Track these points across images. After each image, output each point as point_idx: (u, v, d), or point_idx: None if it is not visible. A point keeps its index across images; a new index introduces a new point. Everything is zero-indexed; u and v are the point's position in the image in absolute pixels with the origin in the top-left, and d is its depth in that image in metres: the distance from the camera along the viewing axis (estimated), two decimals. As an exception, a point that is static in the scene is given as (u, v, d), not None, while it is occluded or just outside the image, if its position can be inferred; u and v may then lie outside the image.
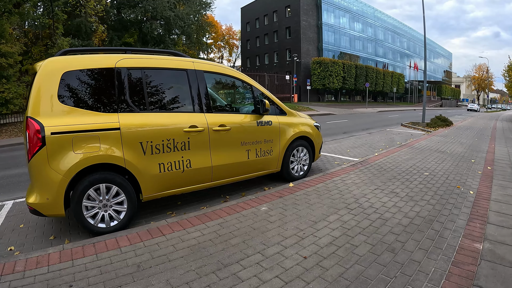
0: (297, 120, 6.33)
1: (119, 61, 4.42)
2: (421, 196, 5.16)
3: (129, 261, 3.33)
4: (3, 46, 16.82)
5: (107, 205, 4.23)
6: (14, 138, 15.45)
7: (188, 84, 4.95)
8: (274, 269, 3.07)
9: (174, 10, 36.60)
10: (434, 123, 18.19)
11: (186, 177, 4.81)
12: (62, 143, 3.89)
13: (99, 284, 2.93)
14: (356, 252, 3.30)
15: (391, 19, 74.84)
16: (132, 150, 4.30)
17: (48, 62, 4.05)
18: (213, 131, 4.97)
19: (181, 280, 2.95)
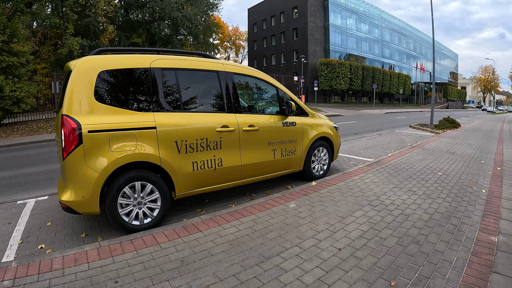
0: (318, 121, 6.53)
1: (154, 61, 4.50)
2: (437, 194, 5.42)
3: (171, 256, 3.43)
4: (15, 45, 16.91)
5: (141, 202, 4.29)
6: (26, 136, 15.50)
7: (219, 85, 5.07)
8: (313, 260, 3.27)
9: (181, 10, 36.89)
10: (442, 125, 18.33)
11: (217, 176, 4.93)
12: (99, 141, 3.94)
13: (145, 279, 3.03)
14: (385, 244, 3.56)
15: (398, 20, 74.90)
16: (167, 148, 4.38)
17: (84, 60, 4.10)
18: (243, 131, 5.11)
19: (227, 273, 3.08)
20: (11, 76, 16.65)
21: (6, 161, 10.10)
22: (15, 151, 12.17)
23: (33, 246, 4.07)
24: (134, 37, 36.87)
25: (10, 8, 19.74)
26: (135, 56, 4.54)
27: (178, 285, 2.89)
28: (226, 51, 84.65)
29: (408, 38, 78.61)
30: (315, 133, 6.34)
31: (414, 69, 78.50)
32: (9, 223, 4.80)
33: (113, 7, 28.71)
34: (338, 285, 2.79)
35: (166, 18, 36.54)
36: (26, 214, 5.13)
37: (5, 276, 3.07)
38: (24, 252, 3.92)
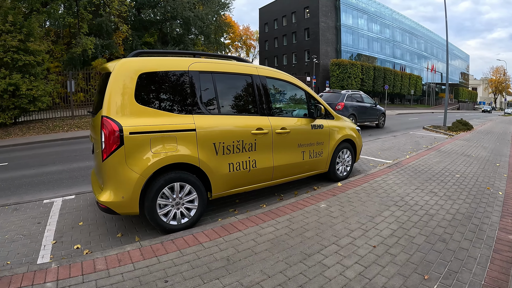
0: (342, 124, 6.71)
1: (192, 64, 4.56)
2: (457, 196, 5.69)
3: (216, 255, 3.54)
4: (31, 45, 17.06)
5: (179, 203, 4.35)
6: (43, 135, 15.64)
7: (253, 88, 5.18)
8: (351, 256, 3.48)
9: (193, 10, 37.10)
10: (455, 127, 18.44)
11: (251, 176, 5.05)
12: (140, 143, 3.98)
13: (195, 278, 3.11)
14: (414, 242, 3.84)
15: (408, 20, 74.60)
16: (206, 150, 4.45)
17: (124, 62, 4.14)
18: (276, 133, 5.24)
19: (274, 270, 3.23)
20: (27, 75, 16.88)
21: (26, 159, 10.26)
22: (33, 149, 12.34)
23: (68, 246, 4.14)
24: (147, 37, 37.28)
25: (26, 7, 20.06)
26: (174, 58, 4.61)
27: (228, 282, 3.03)
28: (237, 51, 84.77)
29: (419, 38, 78.27)
30: (340, 136, 6.53)
31: (425, 70, 78.03)
32: (39, 223, 4.86)
33: (127, 7, 28.99)
34: (378, 279, 3.06)
35: (178, 17, 36.79)
36: (55, 214, 5.21)
37: (47, 278, 3.11)
38: (59, 252, 3.99)
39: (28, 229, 4.65)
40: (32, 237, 4.40)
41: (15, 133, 15.92)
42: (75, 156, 10.38)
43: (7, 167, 9.21)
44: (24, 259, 3.85)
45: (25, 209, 5.46)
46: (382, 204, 5.13)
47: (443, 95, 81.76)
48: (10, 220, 5.00)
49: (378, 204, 5.12)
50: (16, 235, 4.46)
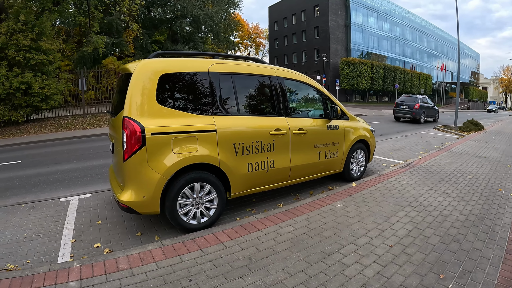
0: (357, 125, 6.81)
1: (212, 65, 4.61)
2: (469, 197, 5.79)
3: (238, 254, 3.62)
4: (43, 43, 17.26)
5: (199, 202, 4.42)
6: (55, 133, 15.67)
7: (271, 89, 5.25)
8: (370, 256, 3.59)
9: (203, 9, 37.21)
10: (466, 127, 18.45)
11: (269, 176, 5.13)
12: (162, 143, 4.03)
13: (218, 276, 3.18)
14: (429, 242, 3.96)
15: (419, 18, 74.19)
16: (226, 150, 4.50)
17: (145, 63, 4.18)
18: (294, 134, 5.31)
19: (295, 268, 3.33)
20: (39, 73, 17.09)
21: (40, 157, 10.35)
22: (46, 147, 12.42)
23: (88, 245, 4.18)
24: (156, 35, 37.46)
25: (38, 6, 20.30)
26: (194, 60, 4.66)
27: (252, 281, 3.12)
28: (246, 49, 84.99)
29: (429, 37, 77.78)
30: (354, 136, 6.63)
31: (435, 69, 77.57)
32: (57, 221, 4.92)
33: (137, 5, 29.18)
34: (396, 278, 3.19)
35: (188, 16, 36.95)
36: (72, 212, 5.28)
37: (70, 277, 3.15)
38: (79, 251, 4.04)
39: (46, 228, 4.73)
40: (50, 236, 4.47)
41: (27, 131, 16.02)
42: (89, 154, 10.47)
43: (21, 165, 9.32)
44: (44, 257, 3.91)
45: (41, 207, 5.55)
46: (396, 205, 5.24)
47: (453, 94, 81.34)
48: (27, 218, 5.08)
49: (392, 205, 5.24)
50: (34, 234, 4.53)
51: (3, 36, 15.90)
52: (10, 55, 15.94)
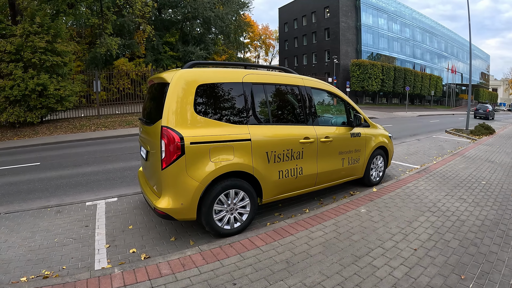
0: (377, 132, 7.05)
1: (245, 76, 4.76)
2: (484, 203, 6.09)
3: (276, 258, 3.81)
4: (59, 45, 17.63)
5: (233, 208, 4.57)
6: (70, 134, 15.96)
7: (300, 99, 5.44)
8: (397, 258, 3.84)
9: (214, 10, 37.76)
10: (477, 131, 18.62)
11: (298, 183, 5.33)
12: (200, 152, 4.17)
13: (260, 280, 3.35)
14: (450, 245, 4.28)
15: (429, 19, 73.99)
16: (259, 158, 4.68)
17: (182, 74, 4.30)
18: (321, 142, 5.52)
19: (331, 271, 3.55)
20: (55, 75, 17.48)
21: (58, 159, 10.55)
22: (63, 149, 12.67)
23: (123, 251, 4.27)
24: (168, 36, 38.08)
25: (52, 8, 20.70)
26: (228, 70, 4.83)
27: (293, 283, 3.31)
28: (256, 50, 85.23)
29: (439, 38, 77.51)
30: (375, 143, 6.87)
31: (445, 70, 77.34)
32: (87, 226, 5.03)
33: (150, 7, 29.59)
34: (422, 278, 3.51)
35: (199, 17, 37.49)
36: (101, 217, 5.38)
37: (113, 284, 3.23)
38: (115, 256, 4.13)
39: (77, 233, 4.83)
40: (83, 241, 4.55)
41: (42, 132, 16.41)
42: (108, 157, 10.62)
43: (40, 167, 9.48)
44: (79, 263, 3.98)
45: (68, 211, 5.66)
46: (417, 210, 5.55)
47: (463, 96, 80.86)
48: (55, 222, 5.19)
49: (413, 210, 5.54)
50: (65, 239, 4.62)
51: (18, 38, 16.20)
52: (26, 57, 16.22)
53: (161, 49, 36.92)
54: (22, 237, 4.71)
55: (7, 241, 4.61)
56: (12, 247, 4.43)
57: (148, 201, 4.66)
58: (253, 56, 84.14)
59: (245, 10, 48.13)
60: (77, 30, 33.90)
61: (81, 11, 24.63)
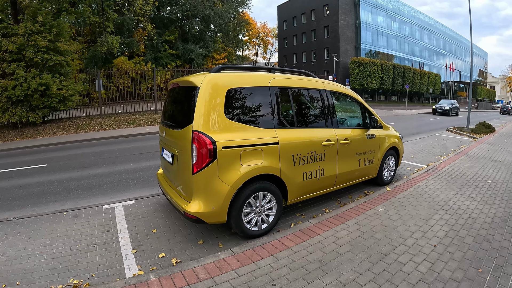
0: (389, 133, 7.28)
1: (272, 80, 4.85)
2: (492, 201, 6.45)
3: (308, 257, 3.96)
4: (61, 45, 17.38)
5: (261, 210, 4.67)
6: (74, 134, 15.80)
7: (322, 102, 5.59)
8: (419, 255, 4.11)
9: (213, 8, 37.79)
10: (478, 129, 19.05)
11: (319, 184, 5.50)
12: (232, 156, 4.22)
13: (298, 279, 3.48)
14: (465, 242, 4.62)
15: (427, 17, 74.26)
16: (285, 161, 4.78)
17: (213, 78, 4.31)
18: (340, 144, 5.69)
19: (362, 268, 3.75)
20: (57, 74, 17.26)
21: (65, 160, 10.43)
22: (69, 149, 12.53)
23: (152, 256, 4.27)
24: (167, 35, 37.92)
25: (54, 7, 20.57)
26: (256, 74, 4.92)
27: (329, 281, 3.49)
28: (255, 48, 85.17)
29: (437, 36, 77.78)
30: (387, 144, 7.12)
31: (444, 68, 77.73)
32: (108, 231, 5.00)
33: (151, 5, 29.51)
34: (444, 273, 3.82)
35: (198, 15, 37.48)
36: (122, 221, 5.34)
37: None
38: (145, 262, 4.12)
39: (99, 238, 4.78)
40: (107, 247, 4.51)
41: (45, 132, 16.26)
42: (116, 158, 10.55)
43: (48, 168, 9.40)
44: (108, 270, 3.94)
45: (86, 216, 5.63)
46: (431, 208, 5.87)
47: (461, 94, 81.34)
48: (74, 228, 5.15)
49: (427, 208, 5.86)
50: (88, 245, 4.57)
51: (21, 37, 15.97)
52: (28, 56, 16.06)
53: (161, 47, 36.82)
54: (42, 244, 4.64)
55: (26, 248, 4.53)
56: (32, 255, 4.35)
57: (175, 205, 4.68)
58: (252, 54, 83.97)
59: (244, 7, 48.15)
60: (76, 28, 33.71)
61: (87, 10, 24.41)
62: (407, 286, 3.49)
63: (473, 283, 3.62)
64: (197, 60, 36.77)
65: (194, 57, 36.67)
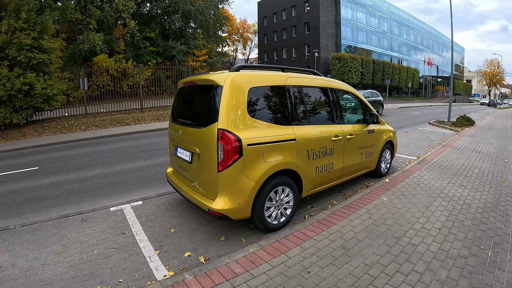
0: (386, 128, 7.67)
1: (287, 79, 5.03)
2: (482, 188, 7.02)
3: (332, 245, 4.21)
4: (45, 42, 16.60)
5: (280, 204, 4.85)
6: (60, 135, 14.96)
7: (329, 100, 5.87)
8: (428, 237, 4.50)
9: (194, 4, 37.34)
10: (459, 123, 19.92)
11: (329, 176, 5.76)
12: (256, 153, 4.33)
13: (329, 265, 3.72)
14: (464, 224, 5.13)
15: (405, 13, 75.96)
16: (301, 157, 4.98)
17: (235, 77, 4.40)
18: (347, 139, 5.98)
19: (382, 251, 4.08)
20: (42, 73, 16.40)
21: (57, 162, 9.94)
22: (58, 151, 11.86)
23: (178, 255, 4.24)
24: (148, 31, 37.09)
25: (37, 3, 19.80)
26: (273, 73, 5.03)
27: (356, 265, 3.77)
28: (234, 44, 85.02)
29: (415, 31, 79.77)
30: (385, 138, 7.53)
31: (421, 63, 79.57)
32: (123, 233, 4.87)
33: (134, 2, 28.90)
34: (452, 251, 4.24)
35: (179, 11, 36.92)
36: (135, 222, 5.23)
37: None
38: (172, 262, 4.08)
39: (116, 241, 4.64)
40: (128, 250, 4.38)
41: (30, 133, 15.34)
42: (111, 158, 10.22)
43: (40, 171, 8.91)
44: (136, 274, 3.85)
45: (94, 219, 5.42)
46: (429, 196, 6.34)
47: (439, 88, 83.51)
48: (86, 232, 4.95)
49: (426, 197, 6.30)
50: (106, 249, 4.41)
51: (4, 35, 15.20)
52: (11, 55, 15.26)
53: (141, 44, 35.95)
54: (54, 252, 4.38)
55: (38, 258, 4.27)
56: (47, 264, 4.11)
57: (195, 203, 4.72)
58: (231, 50, 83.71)
59: (224, 3, 47.75)
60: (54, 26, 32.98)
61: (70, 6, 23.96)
62: (424, 263, 3.93)
63: (478, 258, 4.11)
64: (178, 57, 36.09)
65: (175, 54, 35.97)
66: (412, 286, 3.44)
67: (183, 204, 6.00)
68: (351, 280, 3.50)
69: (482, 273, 3.76)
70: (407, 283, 3.50)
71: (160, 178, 7.87)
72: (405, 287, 3.42)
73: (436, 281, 3.55)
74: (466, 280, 3.58)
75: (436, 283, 3.51)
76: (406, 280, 3.56)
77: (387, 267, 3.79)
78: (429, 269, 3.80)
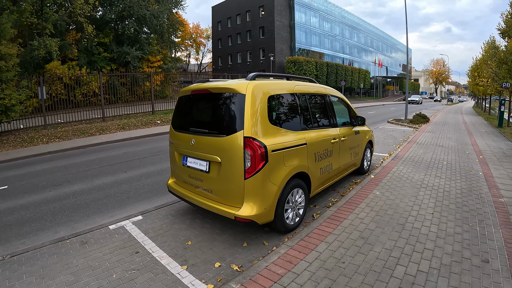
0: (367, 129, 8.23)
1: (295, 87, 5.29)
2: (454, 177, 7.92)
3: (351, 236, 4.58)
4: (2, 47, 14.84)
5: (295, 205, 5.01)
6: (21, 149, 13.38)
7: (327, 105, 6.22)
8: (426, 221, 5.13)
9: (148, 8, 36.31)
10: (416, 120, 21.27)
11: (329, 176, 6.11)
12: (278, 159, 4.48)
13: (357, 254, 4.07)
14: (450, 208, 5.88)
15: (356, 17, 78.99)
16: (310, 159, 5.24)
17: (256, 85, 4.50)
18: (341, 141, 6.37)
19: (394, 236, 4.58)
20: None
21: (27, 179, 8.77)
22: (25, 166, 10.51)
23: (208, 267, 4.09)
24: (101, 37, 35.19)
25: None
26: (284, 82, 5.32)
27: (379, 250, 4.21)
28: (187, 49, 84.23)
29: (365, 34, 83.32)
30: (366, 138, 8.13)
31: (372, 64, 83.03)
32: (137, 252, 4.47)
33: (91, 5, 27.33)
34: (449, 229, 4.85)
35: (134, 16, 35.77)
36: (144, 239, 4.87)
37: None
38: (205, 275, 3.92)
39: (133, 262, 4.24)
40: (151, 269, 4.04)
41: None
42: (87, 171, 9.32)
43: (12, 191, 7.79)
44: None
45: (96, 240, 4.89)
46: (414, 188, 6.96)
47: (389, 87, 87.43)
48: (93, 256, 4.43)
49: (411, 188, 6.92)
50: (126, 272, 4.00)
51: None
52: None
53: (95, 50, 33.96)
54: (65, 283, 3.81)
55: None
56: None
57: (216, 212, 4.61)
58: (184, 55, 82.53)
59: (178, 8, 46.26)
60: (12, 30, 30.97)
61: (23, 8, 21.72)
62: (431, 242, 4.56)
63: (470, 233, 4.87)
64: (133, 63, 34.81)
65: (130, 60, 34.59)
66: (429, 260, 4.10)
67: (188, 215, 5.84)
68: (381, 264, 3.94)
69: (478, 243, 4.54)
70: (424, 258, 4.14)
71: (150, 190, 7.45)
72: (424, 262, 4.06)
73: (446, 254, 4.24)
74: (468, 251, 4.33)
75: (446, 255, 4.20)
76: (423, 256, 4.20)
77: (404, 249, 4.31)
78: (437, 245, 4.47)
